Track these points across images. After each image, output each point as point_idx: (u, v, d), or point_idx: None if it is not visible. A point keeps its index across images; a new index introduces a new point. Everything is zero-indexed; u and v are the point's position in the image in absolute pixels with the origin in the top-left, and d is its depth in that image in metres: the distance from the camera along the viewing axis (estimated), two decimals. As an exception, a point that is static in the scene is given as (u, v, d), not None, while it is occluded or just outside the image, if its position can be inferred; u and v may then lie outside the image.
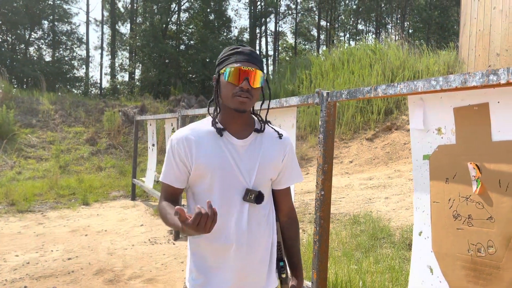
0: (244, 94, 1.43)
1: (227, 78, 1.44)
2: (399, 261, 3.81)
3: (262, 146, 1.54)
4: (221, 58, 1.51)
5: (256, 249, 1.50)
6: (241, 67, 1.43)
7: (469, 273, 1.64)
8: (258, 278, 1.51)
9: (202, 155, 1.46)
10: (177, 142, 1.49)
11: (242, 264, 1.47)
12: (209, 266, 1.48)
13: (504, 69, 1.38)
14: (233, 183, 1.47)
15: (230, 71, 1.43)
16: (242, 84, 1.42)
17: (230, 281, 1.47)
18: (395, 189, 6.83)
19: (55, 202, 7.59)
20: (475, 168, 1.60)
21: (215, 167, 1.45)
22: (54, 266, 4.24)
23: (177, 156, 1.48)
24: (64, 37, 24.72)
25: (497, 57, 8.96)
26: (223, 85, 1.47)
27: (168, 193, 1.53)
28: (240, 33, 28.83)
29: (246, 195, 1.47)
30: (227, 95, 1.46)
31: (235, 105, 1.45)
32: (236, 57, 1.46)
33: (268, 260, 1.55)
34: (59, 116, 13.38)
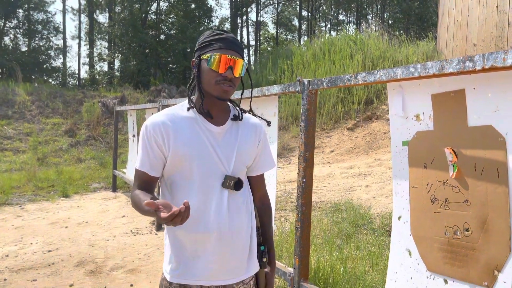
0: (227, 83, 1.42)
1: (211, 65, 1.41)
2: (379, 247, 3.89)
3: (238, 133, 1.54)
4: (203, 42, 1.47)
5: (236, 236, 1.49)
6: (226, 55, 1.40)
7: (446, 254, 1.68)
8: (238, 264, 1.51)
9: (181, 143, 1.43)
10: (153, 128, 1.44)
11: (222, 252, 1.46)
12: (189, 255, 1.46)
13: (479, 55, 1.41)
14: (212, 170, 1.45)
15: (214, 58, 1.40)
16: (226, 73, 1.41)
17: (211, 269, 1.45)
18: (375, 177, 6.94)
19: (33, 194, 7.45)
20: (452, 153, 1.64)
21: (194, 154, 1.43)
22: (34, 259, 4.18)
23: (154, 143, 1.44)
24: (40, 26, 24.10)
25: (474, 47, 9.14)
26: (205, 71, 1.44)
27: (142, 181, 1.48)
28: (221, 22, 28.61)
29: (225, 181, 1.46)
30: (209, 82, 1.43)
31: (218, 93, 1.43)
32: (220, 43, 1.43)
33: (248, 246, 1.55)
34: (36, 107, 13.09)
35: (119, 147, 10.41)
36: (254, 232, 1.59)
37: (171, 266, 1.48)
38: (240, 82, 1.54)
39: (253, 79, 14.41)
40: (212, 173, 1.45)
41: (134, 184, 1.51)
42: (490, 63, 1.38)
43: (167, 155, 1.45)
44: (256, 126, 1.61)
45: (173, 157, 1.44)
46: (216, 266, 1.46)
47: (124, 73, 21.82)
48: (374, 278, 3.11)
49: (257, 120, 1.64)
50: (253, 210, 1.60)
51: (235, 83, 1.45)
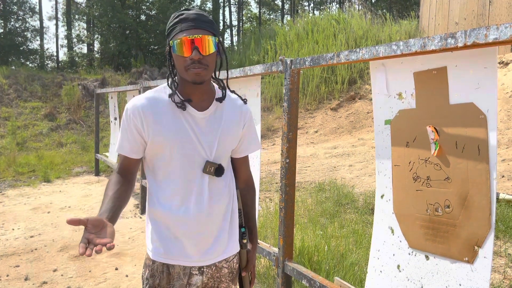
0: (196, 65, 1.34)
1: (176, 51, 1.35)
2: (362, 225, 3.94)
3: (222, 117, 1.50)
4: (168, 28, 1.41)
5: (216, 219, 1.49)
6: (187, 36, 1.32)
7: (427, 231, 1.71)
8: (218, 245, 1.51)
9: (161, 129, 1.40)
10: (133, 112, 1.41)
11: (202, 235, 1.46)
12: (170, 236, 1.46)
13: (461, 32, 1.40)
14: (193, 156, 1.43)
15: (177, 43, 1.34)
16: (192, 55, 1.33)
17: (191, 249, 1.46)
18: (358, 157, 7.00)
19: (14, 180, 7.32)
20: (434, 131, 1.65)
21: (175, 141, 1.41)
22: (16, 245, 4.12)
23: (133, 127, 1.41)
24: (15, 7, 23.29)
25: (456, 25, 9.19)
26: (175, 58, 1.38)
27: (123, 166, 1.47)
28: (202, 2, 28.08)
29: (205, 167, 1.44)
30: (181, 69, 1.37)
31: (191, 78, 1.36)
32: (181, 25, 1.36)
33: (228, 227, 1.54)
34: (13, 91, 12.75)
35: (101, 130, 10.26)
36: (236, 214, 1.59)
37: (154, 245, 1.48)
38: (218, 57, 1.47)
39: (236, 60, 14.29)
40: (192, 159, 1.43)
41: (116, 167, 1.50)
42: (472, 40, 1.38)
43: (147, 140, 1.42)
44: (241, 108, 1.56)
45: (153, 142, 1.41)
46: (195, 248, 1.46)
47: (104, 55, 21.35)
48: (358, 255, 3.16)
49: (242, 101, 1.59)
50: (235, 193, 1.59)
51: (208, 62, 1.36)
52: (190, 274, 1.48)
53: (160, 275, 1.48)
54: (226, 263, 1.56)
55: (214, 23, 1.43)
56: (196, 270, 1.49)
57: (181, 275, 1.47)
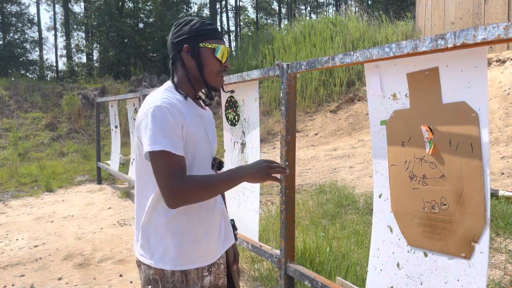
0: (225, 73, 1.48)
1: (220, 55, 1.43)
2: (363, 225, 3.97)
3: (211, 117, 1.61)
4: (201, 29, 1.43)
5: (220, 212, 1.55)
6: (228, 47, 1.46)
7: (425, 229, 1.74)
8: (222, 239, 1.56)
9: (191, 125, 1.39)
10: (173, 107, 1.33)
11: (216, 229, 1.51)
12: (192, 240, 1.42)
13: (451, 33, 1.44)
14: (206, 152, 1.49)
15: (222, 49, 1.43)
16: (226, 63, 1.46)
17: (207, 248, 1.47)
18: (358, 158, 7.03)
19: (16, 190, 7.35)
20: (428, 130, 1.68)
21: (198, 137, 1.43)
22: (20, 254, 4.15)
23: (179, 122, 1.33)
24: (14, 19, 23.45)
25: (452, 25, 9.24)
26: (210, 60, 1.43)
27: (180, 168, 1.30)
28: (199, 9, 28.23)
29: (214, 163, 1.50)
30: (213, 72, 1.44)
31: (219, 83, 1.48)
32: (218, 34, 1.45)
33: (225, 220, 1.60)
34: (14, 102, 12.82)
35: (102, 139, 10.29)
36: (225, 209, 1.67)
37: (170, 255, 1.40)
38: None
39: (235, 65, 14.36)
40: (206, 156, 1.48)
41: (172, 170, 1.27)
42: (462, 40, 1.41)
43: (184, 136, 1.37)
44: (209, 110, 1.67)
45: (186, 138, 1.37)
46: (213, 246, 1.50)
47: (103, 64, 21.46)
48: (359, 255, 3.18)
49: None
50: None
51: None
52: (202, 276, 1.47)
53: (181, 285, 1.41)
54: (222, 259, 1.60)
55: None
56: (206, 271, 1.48)
57: (196, 279, 1.44)
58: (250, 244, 2.80)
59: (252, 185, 2.87)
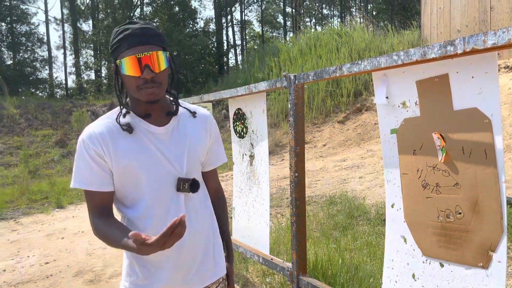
0: (149, 84, 1.24)
1: (125, 71, 1.23)
2: (375, 236, 3.91)
3: (187, 129, 1.40)
4: (112, 44, 1.27)
5: (199, 241, 1.40)
6: (135, 55, 1.21)
7: (440, 238, 1.70)
8: (204, 269, 1.43)
9: (122, 153, 1.28)
10: (91, 140, 1.27)
11: (186, 260, 1.37)
12: (150, 267, 1.34)
13: (460, 39, 1.42)
14: (163, 175, 1.32)
15: (125, 62, 1.22)
16: (144, 74, 1.22)
17: (175, 278, 1.36)
18: (368, 168, 6.98)
19: (27, 207, 7.39)
20: (440, 138, 1.66)
21: (139, 162, 1.29)
22: (31, 272, 4.15)
23: (96, 155, 1.27)
24: (24, 38, 23.90)
25: (458, 33, 9.22)
26: (124, 78, 1.27)
27: (98, 204, 1.30)
28: (206, 24, 28.54)
29: (179, 185, 1.33)
30: (132, 89, 1.27)
31: (145, 98, 1.26)
32: (127, 42, 1.23)
33: (212, 249, 1.46)
34: (24, 120, 12.98)
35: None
36: (218, 232, 1.52)
37: (132, 279, 1.37)
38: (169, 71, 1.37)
39: (241, 79, 14.42)
40: (163, 179, 1.32)
41: (90, 212, 1.31)
42: (471, 46, 1.40)
43: (111, 166, 1.29)
44: (206, 117, 1.49)
45: (117, 168, 1.28)
46: (180, 275, 1.37)
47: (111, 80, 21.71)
48: (372, 267, 3.13)
49: (206, 111, 1.51)
50: (212, 209, 1.52)
51: (160, 79, 1.27)
52: None
53: None
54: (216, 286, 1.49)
55: (162, 35, 1.32)
56: None
57: None
58: (261, 257, 2.76)
59: (261, 197, 2.85)
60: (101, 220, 1.28)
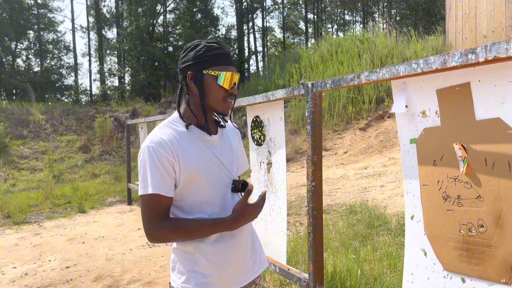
0: (232, 98, 1.46)
1: (222, 82, 1.41)
2: (396, 247, 3.82)
3: (229, 138, 1.58)
4: (204, 56, 1.41)
5: (249, 237, 1.55)
6: (233, 72, 1.43)
7: (462, 253, 1.64)
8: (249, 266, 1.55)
9: (189, 159, 1.39)
10: (162, 147, 1.36)
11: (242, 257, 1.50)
12: (215, 266, 1.43)
13: (482, 47, 1.37)
14: (222, 178, 1.47)
15: (225, 76, 1.41)
16: (233, 89, 1.44)
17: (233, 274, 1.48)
18: (390, 176, 6.85)
19: (51, 211, 7.55)
20: (461, 148, 1.60)
21: (203, 168, 1.42)
22: (52, 276, 4.21)
23: (166, 161, 1.35)
24: (51, 46, 24.57)
25: (484, 38, 9.00)
26: (213, 87, 1.42)
27: (163, 207, 1.37)
28: (227, 31, 28.75)
29: (234, 186, 1.48)
30: (217, 99, 1.43)
31: (224, 110, 1.46)
32: (223, 59, 1.43)
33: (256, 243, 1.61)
34: (50, 126, 13.31)
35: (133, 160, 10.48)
36: (254, 230, 1.64)
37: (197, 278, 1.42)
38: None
39: (262, 85, 14.46)
40: (222, 182, 1.47)
41: (151, 216, 1.35)
42: (493, 54, 1.35)
43: (178, 173, 1.38)
44: (235, 129, 1.67)
45: (184, 174, 1.38)
46: (239, 272, 1.49)
47: (134, 87, 22.08)
48: (392, 279, 3.05)
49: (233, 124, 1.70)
50: None
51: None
52: None
53: None
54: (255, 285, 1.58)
55: None
56: None
57: None
58: (277, 267, 2.73)
59: (279, 206, 2.82)
60: (168, 220, 1.37)
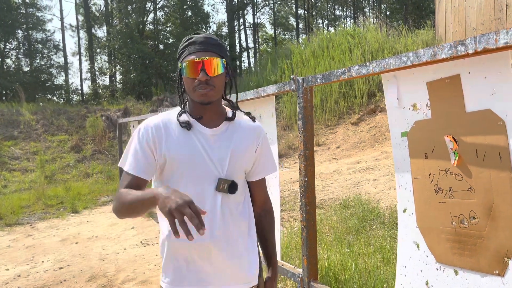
0: (203, 86, 1.38)
1: (185, 73, 1.40)
2: (389, 240, 3.84)
3: (234, 135, 1.49)
4: (179, 51, 1.48)
5: (233, 243, 1.46)
6: (194, 59, 1.38)
7: (454, 245, 1.64)
8: (235, 272, 1.47)
9: (172, 146, 1.41)
10: (146, 130, 1.43)
11: (217, 259, 1.43)
12: (183, 263, 1.44)
13: (471, 39, 1.37)
14: (205, 173, 1.42)
15: (185, 65, 1.40)
16: (199, 76, 1.37)
17: (205, 274, 1.43)
18: (382, 170, 6.88)
19: (43, 212, 7.48)
20: (452, 141, 1.61)
21: (185, 158, 1.40)
22: (45, 277, 4.18)
23: (146, 145, 1.41)
24: (40, 45, 24.31)
25: (474, 31, 9.05)
26: (185, 79, 1.43)
27: (132, 185, 1.39)
28: (218, 27, 28.65)
29: (218, 184, 1.42)
30: (189, 90, 1.43)
31: (198, 99, 1.41)
32: (189, 48, 1.42)
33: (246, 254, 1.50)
34: (41, 126, 13.18)
35: (125, 159, 10.47)
36: (254, 241, 1.55)
37: (166, 274, 1.48)
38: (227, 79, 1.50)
39: (254, 81, 14.41)
40: (204, 177, 1.42)
41: (120, 186, 1.41)
42: (483, 46, 1.35)
43: (157, 159, 1.42)
44: (255, 129, 1.56)
45: (164, 161, 1.41)
46: (210, 272, 1.44)
47: (125, 85, 21.94)
48: (386, 272, 3.06)
49: (257, 123, 1.59)
50: (252, 218, 1.55)
51: (215, 83, 1.40)
52: None
53: None
54: None
55: (222, 46, 1.47)
56: None
57: None
58: (272, 263, 2.72)
59: (272, 202, 2.81)
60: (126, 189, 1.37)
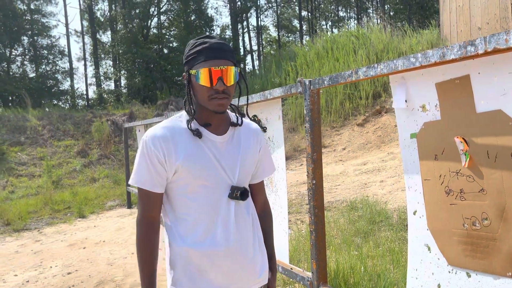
0: (220, 95, 1.34)
1: (200, 81, 1.33)
2: (398, 242, 3.81)
3: (241, 140, 1.48)
4: (189, 54, 1.40)
5: (245, 250, 1.45)
6: (212, 68, 1.31)
7: (466, 247, 1.62)
8: (248, 279, 1.47)
9: (183, 157, 1.36)
10: (153, 142, 1.36)
11: (231, 267, 1.42)
12: (196, 271, 1.40)
13: (481, 39, 1.36)
14: (218, 182, 1.40)
15: (201, 73, 1.32)
16: (217, 85, 1.32)
17: (219, 284, 1.41)
18: (389, 171, 6.84)
19: (50, 217, 7.51)
20: (462, 142, 1.59)
21: (197, 167, 1.37)
22: (54, 282, 4.19)
23: (155, 158, 1.36)
24: (45, 51, 24.48)
25: (479, 31, 9.00)
26: (197, 87, 1.37)
27: (150, 202, 1.39)
28: (222, 31, 28.71)
29: (232, 192, 1.40)
30: (203, 98, 1.36)
31: (214, 108, 1.36)
32: (205, 54, 1.34)
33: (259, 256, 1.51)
34: (47, 131, 13.25)
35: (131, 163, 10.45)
36: (262, 242, 1.55)
37: (179, 282, 1.42)
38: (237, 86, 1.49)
39: (258, 84, 14.41)
40: (217, 185, 1.39)
41: (140, 209, 1.40)
42: (493, 46, 1.33)
43: (168, 170, 1.37)
44: (257, 132, 1.56)
45: (175, 172, 1.37)
46: (224, 281, 1.41)
47: (130, 90, 22.02)
48: (396, 275, 3.04)
49: (256, 125, 1.59)
50: (257, 219, 1.56)
51: (229, 92, 1.37)
52: None
53: None
54: None
55: (234, 52, 1.43)
56: None
57: None
58: (280, 267, 2.71)
59: (279, 205, 2.80)
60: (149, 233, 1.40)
